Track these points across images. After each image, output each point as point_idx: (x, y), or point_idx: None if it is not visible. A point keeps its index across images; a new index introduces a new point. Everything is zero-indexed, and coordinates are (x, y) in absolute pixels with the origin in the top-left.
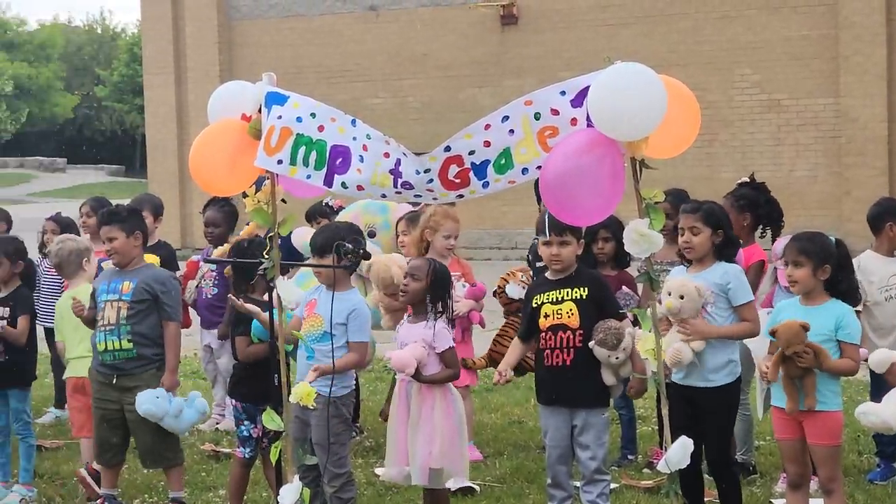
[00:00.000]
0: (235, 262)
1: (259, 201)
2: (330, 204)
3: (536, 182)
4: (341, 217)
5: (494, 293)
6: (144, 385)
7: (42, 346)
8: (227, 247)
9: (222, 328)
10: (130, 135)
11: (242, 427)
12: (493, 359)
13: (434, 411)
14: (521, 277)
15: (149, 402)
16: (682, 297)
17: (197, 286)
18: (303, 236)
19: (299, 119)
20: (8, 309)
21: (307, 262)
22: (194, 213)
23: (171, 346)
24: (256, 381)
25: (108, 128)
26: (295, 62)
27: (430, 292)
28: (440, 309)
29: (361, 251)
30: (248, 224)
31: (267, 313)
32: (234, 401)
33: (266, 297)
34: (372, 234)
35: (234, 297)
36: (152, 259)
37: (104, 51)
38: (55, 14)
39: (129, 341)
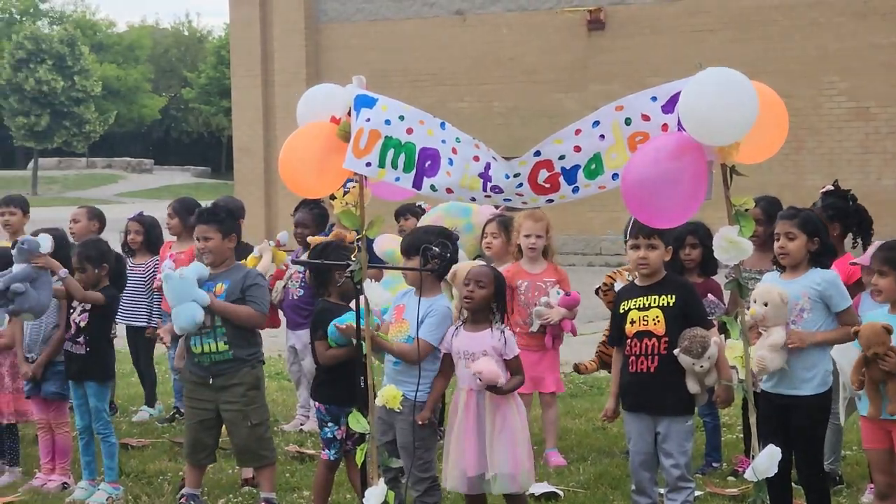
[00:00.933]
0: (323, 265)
1: (347, 204)
2: (423, 206)
3: None
4: (424, 219)
5: (597, 291)
6: (240, 383)
7: (123, 345)
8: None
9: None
10: (216, 136)
11: (326, 429)
12: (604, 361)
13: (511, 419)
14: (628, 277)
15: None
16: (765, 305)
17: (284, 286)
18: (385, 243)
19: (388, 122)
20: (87, 313)
21: (394, 265)
22: (279, 214)
23: (236, 310)
24: (339, 384)
25: (195, 129)
26: (381, 65)
27: (496, 300)
28: (500, 316)
29: (449, 255)
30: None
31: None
32: (317, 403)
33: (349, 301)
34: (455, 237)
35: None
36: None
37: (191, 53)
38: (143, 16)
39: (224, 343)
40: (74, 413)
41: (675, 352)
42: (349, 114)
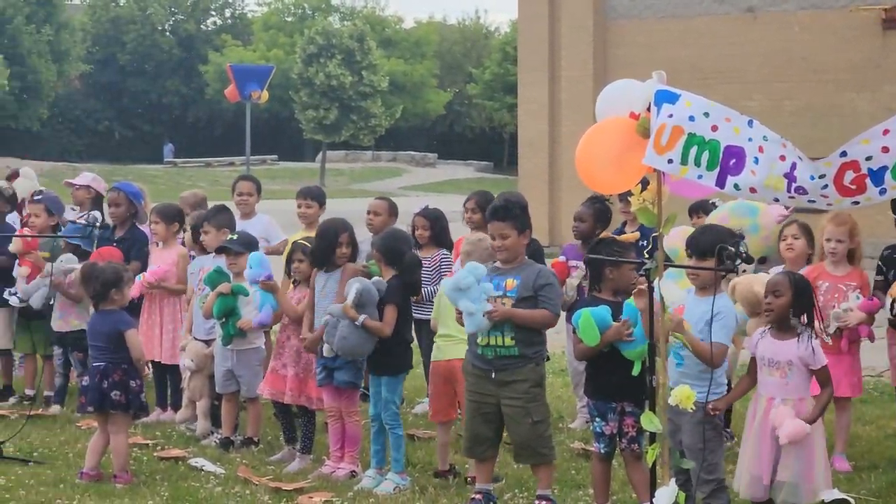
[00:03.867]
0: (616, 262)
1: (644, 200)
2: (716, 203)
3: None
4: (710, 219)
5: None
6: (523, 379)
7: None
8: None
9: None
10: (499, 132)
11: (595, 423)
12: None
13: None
14: None
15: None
16: None
17: (578, 285)
18: (673, 239)
19: (692, 118)
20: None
21: (686, 264)
22: (563, 210)
23: (531, 316)
24: (604, 378)
25: (478, 125)
26: (670, 62)
27: (794, 307)
28: (806, 322)
29: (745, 255)
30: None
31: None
32: (586, 398)
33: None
34: (741, 237)
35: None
36: None
37: (476, 49)
38: (431, 13)
39: (511, 339)
40: (370, 401)
41: None
42: (649, 109)
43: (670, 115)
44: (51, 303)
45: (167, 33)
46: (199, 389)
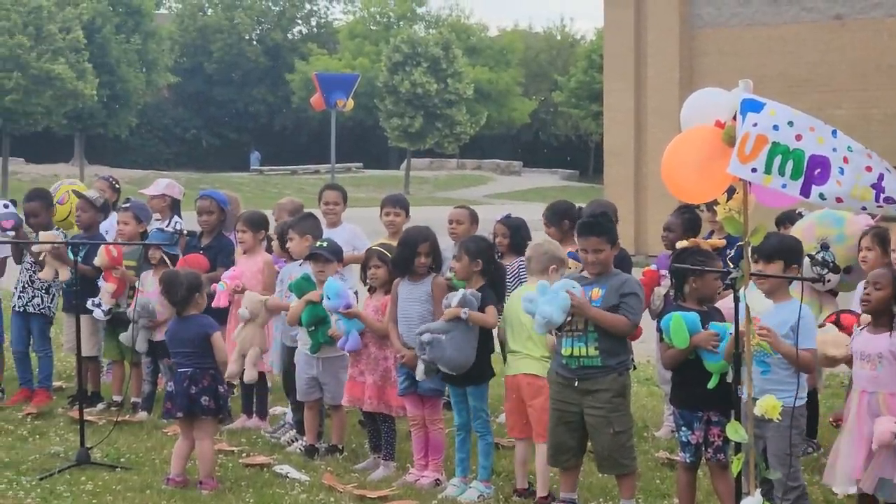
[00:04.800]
0: (701, 271)
1: (730, 209)
2: (802, 213)
3: None
4: (795, 228)
5: None
6: (606, 389)
7: None
8: None
9: None
10: (584, 140)
11: (681, 433)
12: None
13: None
14: None
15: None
16: None
17: (665, 294)
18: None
19: (776, 127)
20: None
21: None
22: (649, 219)
23: (608, 317)
24: (690, 388)
25: (564, 133)
26: (756, 70)
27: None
28: None
29: (832, 264)
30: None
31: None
32: (673, 407)
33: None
34: (825, 247)
35: None
36: None
37: (562, 57)
38: (516, 21)
39: (595, 349)
40: (453, 410)
41: None
42: (735, 118)
43: (755, 124)
44: (152, 339)
45: (254, 42)
46: (250, 339)
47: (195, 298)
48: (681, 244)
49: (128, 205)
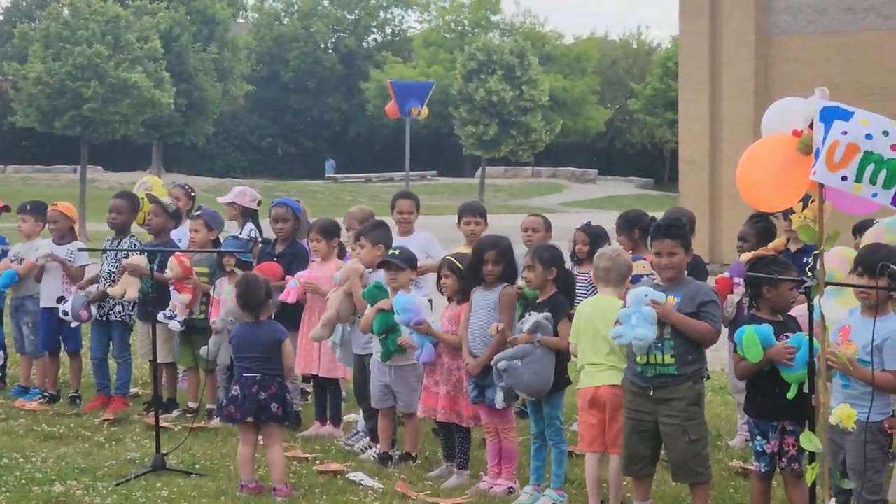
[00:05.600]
0: (768, 279)
1: (805, 218)
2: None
3: None
4: (867, 235)
5: None
6: (681, 397)
7: None
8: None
9: None
10: (659, 148)
11: (755, 442)
12: None
13: None
14: None
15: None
16: None
17: (739, 302)
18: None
19: (869, 136)
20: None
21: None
22: (723, 228)
23: (693, 324)
24: (764, 397)
25: (639, 141)
26: (832, 78)
27: None
28: None
29: None
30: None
31: None
32: (747, 416)
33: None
34: None
35: None
36: None
37: (638, 65)
38: (592, 28)
39: (671, 357)
40: (530, 418)
41: None
42: (811, 126)
43: (844, 132)
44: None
45: (329, 51)
46: (336, 303)
47: (270, 303)
48: (745, 257)
49: (199, 213)
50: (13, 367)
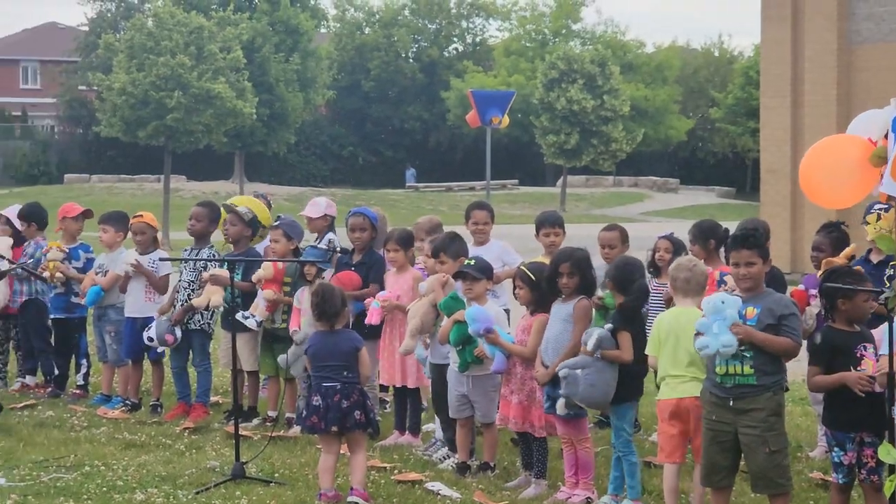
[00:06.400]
0: (843, 290)
1: (881, 229)
2: None
3: None
4: None
5: None
6: (761, 408)
7: None
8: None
9: None
10: (741, 157)
11: (833, 453)
12: None
13: None
14: None
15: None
16: None
17: (817, 314)
18: None
19: None
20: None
21: None
22: (805, 237)
23: (775, 341)
24: (842, 408)
25: (720, 150)
26: None
27: None
28: None
29: None
30: None
31: None
32: (825, 427)
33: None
34: None
35: None
36: None
37: (720, 74)
38: (674, 37)
39: (750, 367)
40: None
41: None
42: (886, 137)
43: None
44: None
45: (410, 60)
46: (420, 313)
47: (346, 311)
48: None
49: (278, 223)
50: (96, 376)
